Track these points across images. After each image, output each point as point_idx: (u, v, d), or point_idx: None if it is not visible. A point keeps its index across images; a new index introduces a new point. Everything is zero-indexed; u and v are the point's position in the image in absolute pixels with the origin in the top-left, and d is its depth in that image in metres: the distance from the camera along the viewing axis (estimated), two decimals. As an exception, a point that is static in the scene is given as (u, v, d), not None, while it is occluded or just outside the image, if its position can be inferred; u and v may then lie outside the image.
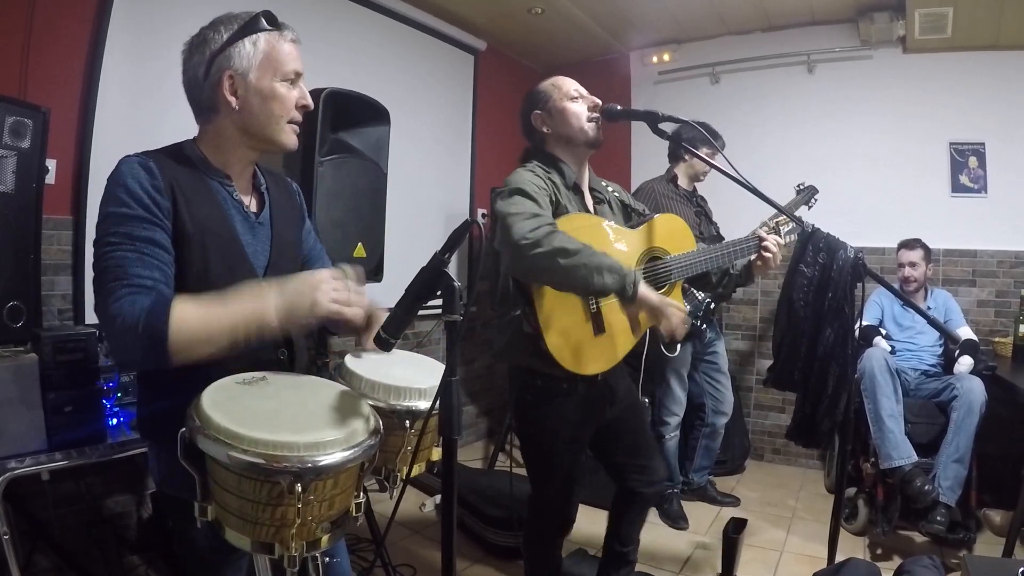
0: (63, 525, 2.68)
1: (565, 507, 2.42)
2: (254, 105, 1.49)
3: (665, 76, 5.52)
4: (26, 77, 2.73)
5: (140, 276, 1.30)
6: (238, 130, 1.53)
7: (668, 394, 3.86)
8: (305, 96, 1.56)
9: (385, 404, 1.44)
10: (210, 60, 1.49)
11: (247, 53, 1.47)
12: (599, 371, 2.20)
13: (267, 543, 1.18)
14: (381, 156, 3.39)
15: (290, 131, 1.55)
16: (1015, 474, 3.17)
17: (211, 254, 1.44)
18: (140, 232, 1.33)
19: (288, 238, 1.68)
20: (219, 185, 1.53)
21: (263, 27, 1.50)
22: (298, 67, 1.54)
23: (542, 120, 2.32)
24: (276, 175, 1.78)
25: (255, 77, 1.48)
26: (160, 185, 1.38)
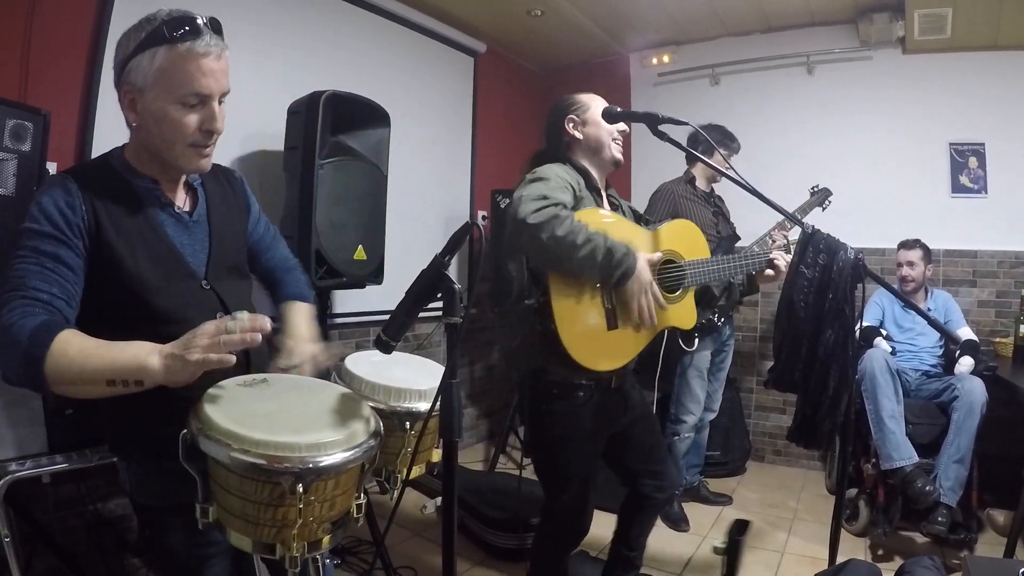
0: (64, 528, 2.69)
1: (580, 517, 2.38)
2: (149, 125, 1.40)
3: (665, 77, 5.52)
4: (27, 80, 2.74)
5: (37, 289, 1.27)
6: (143, 146, 1.46)
7: (688, 392, 3.85)
8: (211, 120, 1.41)
9: (385, 406, 1.45)
10: (118, 69, 1.42)
11: (144, 68, 1.36)
12: (610, 368, 2.19)
13: (269, 544, 1.18)
14: (381, 158, 3.40)
15: (192, 155, 1.44)
16: (1016, 474, 3.16)
17: (142, 261, 1.41)
18: (45, 248, 1.30)
19: (228, 231, 1.63)
20: (145, 190, 1.47)
21: (164, 38, 1.35)
22: (202, 88, 1.37)
23: (576, 126, 2.34)
24: (217, 169, 1.68)
25: (151, 96, 1.37)
26: (75, 203, 1.35)
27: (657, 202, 3.74)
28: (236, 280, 1.63)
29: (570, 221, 1.92)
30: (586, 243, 1.92)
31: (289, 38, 3.67)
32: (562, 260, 1.95)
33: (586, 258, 1.93)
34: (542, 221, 1.89)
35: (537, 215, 1.91)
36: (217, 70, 1.39)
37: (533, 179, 2.08)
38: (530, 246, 1.96)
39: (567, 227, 1.90)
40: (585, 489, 2.32)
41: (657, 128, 2.10)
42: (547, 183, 2.05)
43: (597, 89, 2.45)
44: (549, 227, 1.89)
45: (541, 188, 2.01)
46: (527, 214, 1.91)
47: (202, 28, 1.37)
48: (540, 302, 2.06)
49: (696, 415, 3.89)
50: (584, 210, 2.13)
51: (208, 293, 1.51)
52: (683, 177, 3.93)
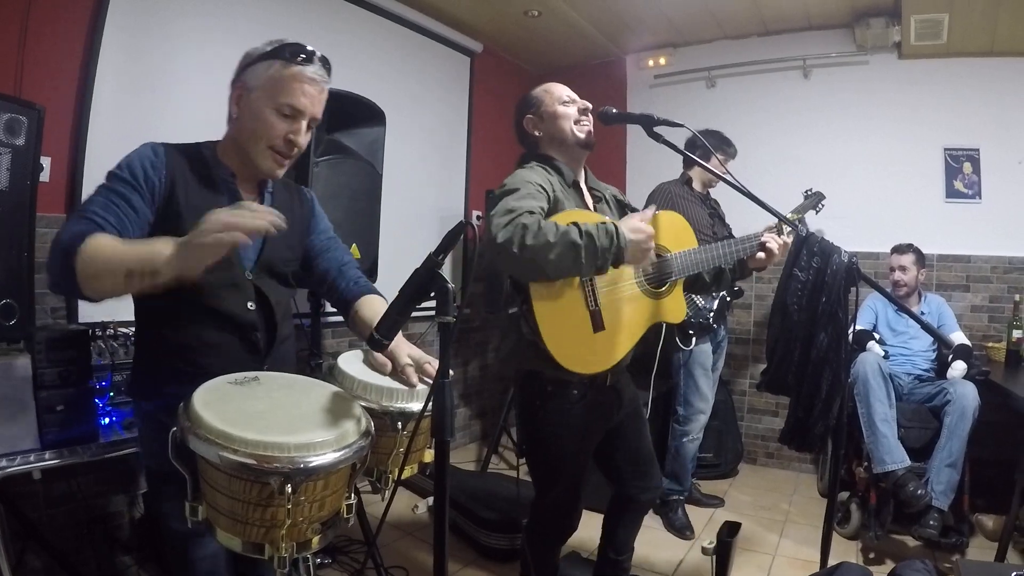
0: (55, 525, 2.67)
1: (569, 514, 2.38)
2: (245, 120, 1.62)
3: (661, 80, 5.52)
4: (21, 74, 2.73)
5: (95, 213, 1.42)
6: (233, 140, 1.66)
7: (695, 391, 3.81)
8: (296, 133, 1.61)
9: (377, 405, 1.44)
10: (239, 70, 1.64)
11: (259, 73, 1.59)
12: (600, 370, 2.17)
13: (257, 543, 1.18)
14: (376, 157, 3.39)
15: (269, 157, 1.63)
16: (1008, 479, 3.17)
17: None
18: (119, 188, 1.48)
19: (282, 241, 1.70)
20: (222, 180, 1.65)
21: (283, 56, 1.58)
22: (297, 103, 1.59)
23: (534, 124, 2.34)
24: (290, 183, 1.90)
25: (255, 96, 1.59)
26: (160, 164, 1.54)
27: (655, 202, 3.69)
28: (279, 284, 1.78)
29: (537, 226, 1.84)
30: (559, 240, 1.84)
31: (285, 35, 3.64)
32: (543, 267, 1.87)
33: (564, 255, 1.85)
34: (510, 236, 1.83)
35: (504, 231, 1.84)
36: (315, 96, 1.63)
37: (501, 193, 2.03)
38: (508, 263, 1.89)
39: (534, 231, 1.83)
40: (576, 486, 2.32)
41: (652, 130, 2.10)
42: (515, 194, 2.00)
43: (594, 90, 2.46)
44: (518, 239, 1.82)
45: (508, 202, 1.95)
46: (496, 234, 1.85)
47: (316, 59, 1.62)
48: (523, 310, 2.04)
49: (706, 414, 3.87)
50: (564, 212, 2.09)
51: (247, 283, 1.66)
52: (680, 179, 3.94)
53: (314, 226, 1.93)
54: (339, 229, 3.11)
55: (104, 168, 1.51)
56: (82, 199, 2.82)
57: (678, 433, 3.84)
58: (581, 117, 2.28)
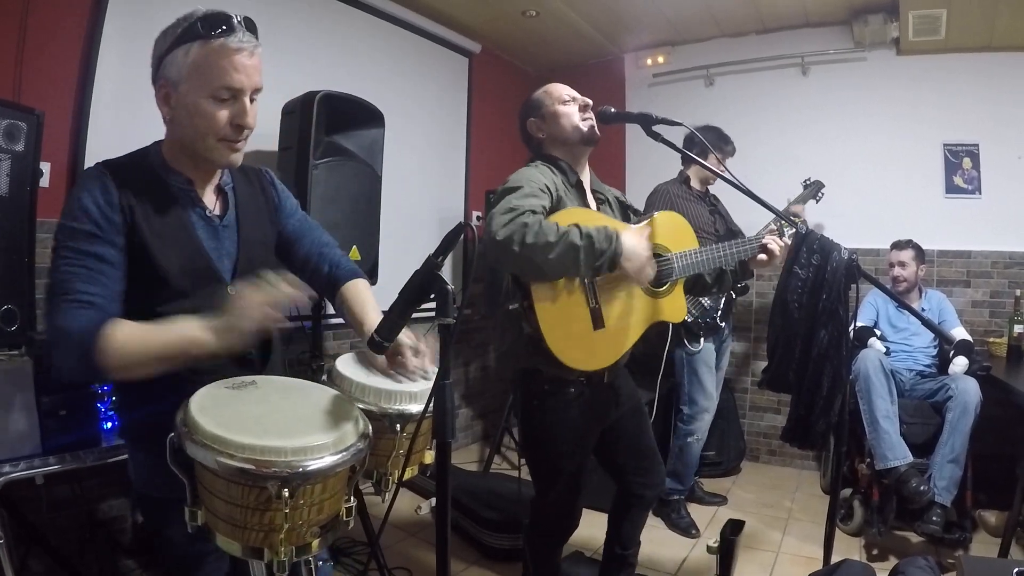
0: (57, 529, 2.67)
1: (569, 512, 2.39)
2: (182, 118, 1.43)
3: (660, 78, 5.52)
4: (20, 80, 2.73)
5: (84, 292, 1.31)
6: (177, 142, 1.50)
7: (700, 391, 3.80)
8: (242, 115, 1.44)
9: (375, 407, 1.44)
10: (155, 65, 1.44)
11: (178, 63, 1.39)
12: (600, 367, 2.18)
13: (256, 548, 1.18)
14: (375, 159, 3.40)
15: (223, 149, 1.47)
16: (1010, 474, 3.17)
17: (172, 262, 1.44)
18: (88, 247, 1.35)
19: (257, 237, 1.65)
20: (180, 190, 1.51)
21: (198, 34, 1.38)
22: (235, 83, 1.41)
23: (537, 126, 2.35)
24: (246, 168, 1.71)
25: (184, 89, 1.40)
26: (114, 200, 1.39)
27: (655, 203, 3.71)
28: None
29: (539, 225, 1.86)
30: (559, 240, 1.85)
31: (283, 38, 3.66)
32: (541, 266, 1.88)
33: (563, 255, 1.86)
34: (510, 233, 1.84)
35: (505, 229, 1.85)
36: (249, 66, 1.43)
37: (504, 190, 2.04)
38: (506, 261, 1.91)
39: (535, 231, 1.84)
40: (576, 483, 2.33)
41: (651, 129, 2.10)
42: (518, 192, 2.00)
43: (592, 90, 2.45)
44: (519, 237, 1.83)
45: (510, 200, 1.96)
46: (497, 231, 1.86)
47: (236, 25, 1.41)
48: (523, 307, 2.04)
49: (711, 412, 3.86)
50: (562, 211, 2.09)
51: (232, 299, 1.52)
52: (678, 178, 3.92)
53: (282, 207, 1.78)
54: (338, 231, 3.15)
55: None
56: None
57: (683, 432, 3.83)
58: (583, 114, 2.29)
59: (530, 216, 1.90)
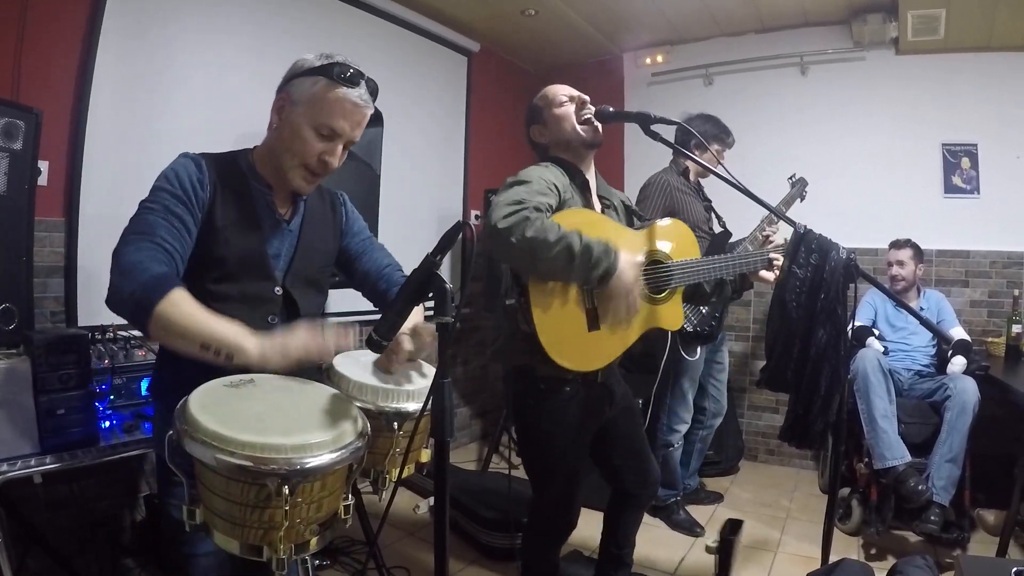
0: (56, 529, 2.67)
1: (567, 512, 2.39)
2: (284, 133, 1.62)
3: (658, 77, 5.52)
4: (19, 78, 2.73)
5: (164, 239, 1.45)
6: (269, 149, 1.68)
7: (682, 402, 3.79)
8: (331, 153, 1.62)
9: (373, 406, 1.44)
10: (286, 78, 1.65)
11: (304, 87, 1.59)
12: (592, 368, 2.18)
13: (255, 546, 1.18)
14: (374, 157, 3.40)
15: (300, 175, 1.64)
16: (1008, 473, 3.17)
17: (232, 248, 1.58)
18: (175, 208, 1.50)
19: (315, 245, 1.80)
20: (258, 192, 1.67)
21: (330, 75, 1.58)
22: (337, 126, 1.60)
23: (540, 133, 2.36)
24: (323, 188, 1.89)
25: (297, 111, 1.59)
26: (204, 178, 1.56)
27: (651, 195, 3.63)
28: (312, 292, 1.81)
29: (541, 222, 1.87)
30: (558, 242, 1.85)
31: (281, 36, 3.66)
32: (535, 262, 1.89)
33: (559, 257, 1.86)
34: (512, 224, 1.85)
35: (507, 219, 1.86)
36: (356, 119, 1.65)
37: (512, 182, 2.05)
38: (502, 250, 1.91)
39: (537, 227, 1.85)
40: (572, 483, 2.33)
41: (650, 128, 2.10)
42: (527, 186, 2.02)
43: (591, 89, 2.45)
44: (519, 229, 1.84)
45: (518, 192, 1.97)
46: (498, 219, 1.87)
47: (362, 82, 1.65)
48: (520, 302, 2.05)
49: (688, 423, 3.85)
50: (566, 211, 2.10)
51: (276, 297, 1.69)
52: (675, 168, 3.81)
53: (348, 228, 1.95)
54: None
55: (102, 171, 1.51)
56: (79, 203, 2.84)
57: (662, 443, 3.80)
58: (581, 111, 2.28)
59: (534, 212, 1.91)
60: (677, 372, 3.75)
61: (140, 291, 1.34)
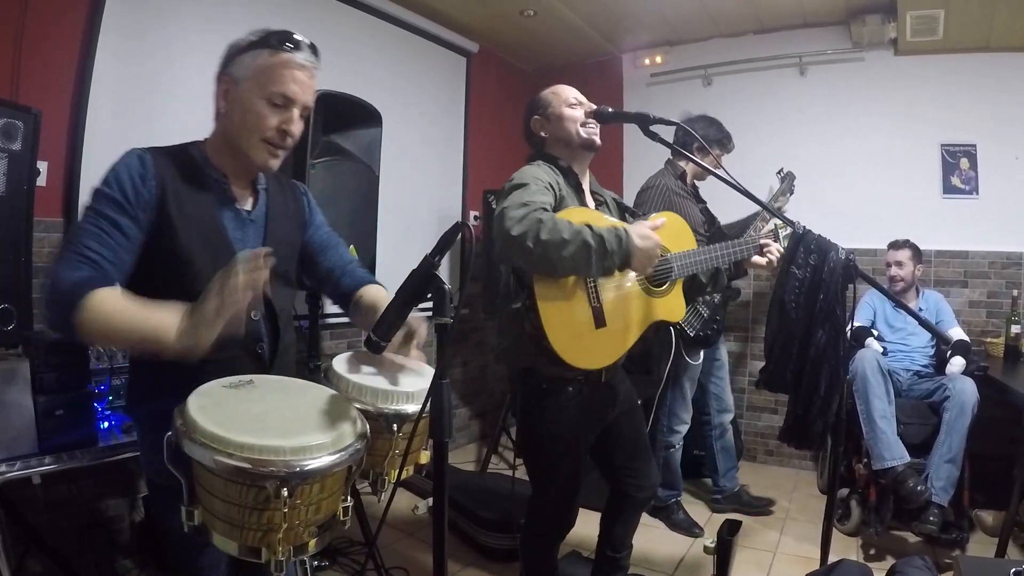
0: (55, 529, 2.67)
1: (566, 510, 2.40)
2: (234, 114, 1.55)
3: (657, 78, 5.53)
4: (17, 79, 2.73)
5: (89, 249, 1.37)
6: (223, 136, 1.60)
7: (682, 403, 3.80)
8: (289, 122, 1.57)
9: (372, 407, 1.44)
10: (223, 63, 1.58)
11: (245, 63, 1.53)
12: (601, 366, 2.19)
13: (254, 548, 1.18)
14: (373, 158, 3.39)
15: (263, 150, 1.56)
16: (1007, 474, 3.17)
17: (195, 244, 1.51)
18: (109, 213, 1.41)
19: (280, 235, 1.71)
20: (214, 182, 1.59)
21: (270, 44, 1.54)
22: (290, 92, 1.54)
23: (540, 124, 2.36)
24: (282, 178, 1.84)
25: (244, 87, 1.53)
26: (148, 175, 1.47)
27: (650, 199, 3.62)
28: (281, 285, 1.71)
29: (552, 222, 1.88)
30: (573, 239, 1.87)
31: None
32: (555, 263, 1.90)
33: (577, 254, 1.87)
34: (526, 229, 1.86)
35: (520, 225, 1.87)
36: (306, 83, 1.59)
37: (512, 187, 2.06)
38: (520, 257, 1.92)
39: (550, 228, 1.86)
40: (573, 482, 2.34)
41: (648, 128, 2.10)
42: (527, 188, 2.03)
43: (590, 89, 2.45)
44: (533, 233, 1.85)
45: (521, 195, 1.99)
46: (511, 227, 1.88)
47: (304, 45, 1.58)
48: (525, 304, 2.05)
49: (688, 423, 3.86)
50: (566, 210, 2.11)
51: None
52: (672, 171, 3.77)
53: (310, 220, 1.88)
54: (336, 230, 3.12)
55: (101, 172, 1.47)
56: (79, 205, 2.84)
57: (663, 444, 3.81)
58: (588, 120, 2.29)
59: (543, 212, 1.92)
60: (678, 374, 3.76)
61: (61, 303, 1.31)
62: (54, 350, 2.24)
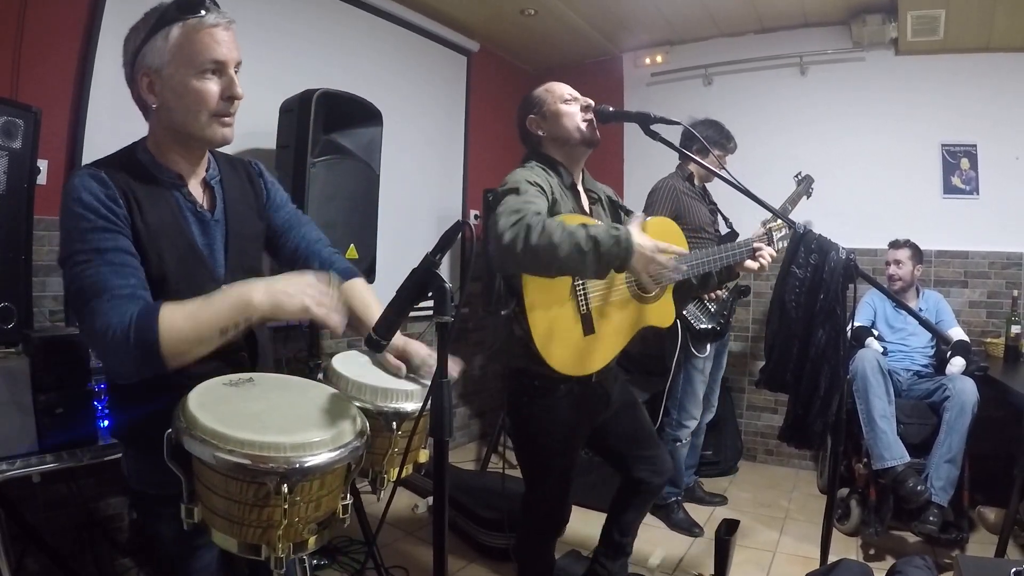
0: (54, 528, 2.67)
1: (559, 508, 2.41)
2: (171, 102, 1.42)
3: (658, 78, 5.53)
4: (18, 77, 2.72)
5: (118, 287, 1.28)
6: (165, 129, 1.47)
7: (691, 398, 3.79)
8: (230, 85, 1.44)
9: (372, 405, 1.44)
10: (131, 60, 1.45)
11: (159, 48, 1.39)
12: (590, 372, 2.19)
13: (254, 544, 1.18)
14: (373, 157, 3.39)
15: (215, 125, 1.45)
16: (1007, 474, 3.17)
17: (167, 259, 1.42)
18: (105, 243, 1.31)
19: (244, 230, 1.64)
20: (170, 186, 1.49)
21: (174, 18, 1.38)
22: (219, 55, 1.41)
23: (536, 124, 2.34)
24: (233, 160, 1.71)
25: (169, 72, 1.40)
26: (114, 194, 1.36)
27: (658, 199, 3.66)
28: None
29: (543, 226, 1.84)
30: (565, 241, 1.83)
31: (281, 36, 3.66)
32: (548, 266, 1.88)
33: (570, 257, 1.84)
34: (515, 236, 1.84)
35: (511, 231, 1.85)
36: (228, 39, 1.43)
37: (505, 192, 2.04)
38: (513, 264, 1.91)
39: (540, 232, 1.83)
40: (565, 479, 2.35)
41: (649, 128, 2.10)
42: (520, 195, 2.01)
43: (590, 89, 2.45)
44: (523, 239, 1.83)
45: (515, 202, 1.96)
46: (503, 233, 1.86)
47: (209, 4, 1.42)
48: (515, 311, 2.06)
49: (697, 419, 3.86)
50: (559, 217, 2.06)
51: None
52: (680, 173, 3.83)
53: (270, 202, 1.76)
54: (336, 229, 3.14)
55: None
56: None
57: (669, 438, 3.82)
58: (584, 114, 2.28)
59: (534, 217, 1.89)
60: (687, 368, 3.77)
61: (135, 348, 1.23)
62: (53, 349, 2.24)
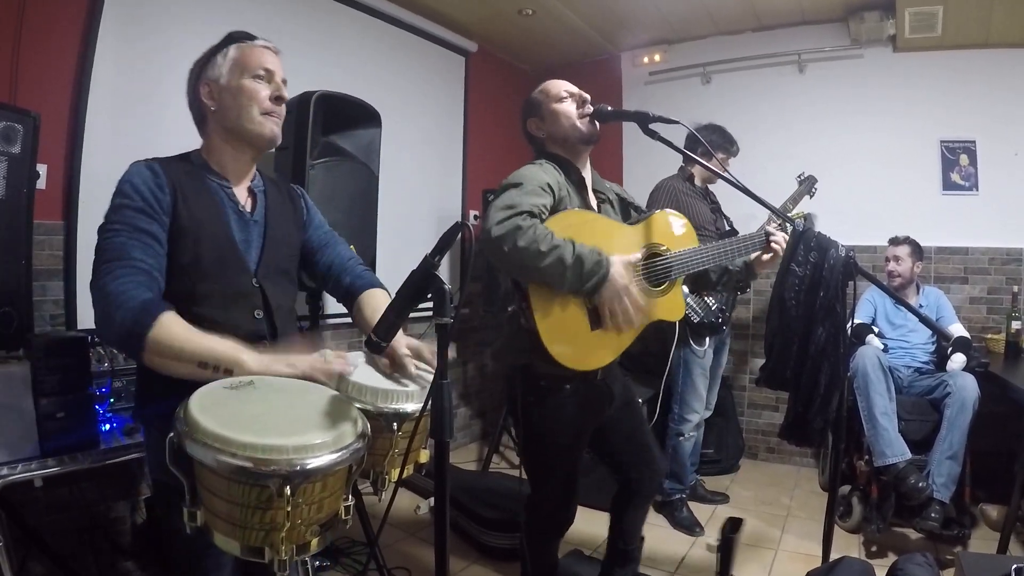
0: (57, 532, 2.67)
1: (564, 507, 2.41)
2: (227, 102, 1.64)
3: (656, 76, 5.53)
4: (16, 82, 2.73)
5: (140, 260, 1.45)
6: (221, 130, 1.68)
7: (692, 392, 3.81)
8: (279, 89, 1.69)
9: (372, 407, 1.44)
10: (193, 79, 1.69)
11: (219, 63, 1.66)
12: (597, 366, 2.19)
13: (257, 547, 1.18)
14: (372, 158, 3.39)
15: (265, 122, 1.67)
16: (1009, 470, 3.17)
17: (204, 246, 1.58)
18: (140, 223, 1.48)
19: (281, 235, 1.78)
20: (217, 186, 1.67)
21: (234, 41, 1.69)
22: (269, 66, 1.68)
23: (537, 126, 2.36)
24: (279, 181, 1.92)
25: (226, 79, 1.65)
26: (163, 182, 1.54)
27: (659, 199, 3.72)
28: (285, 282, 1.80)
29: (533, 231, 1.89)
30: (551, 252, 1.89)
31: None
32: (528, 271, 1.93)
33: (552, 267, 1.90)
34: (504, 233, 1.88)
35: (500, 227, 1.89)
36: (276, 61, 1.72)
37: (506, 186, 2.06)
38: (495, 258, 1.95)
39: (528, 237, 1.87)
40: (570, 479, 2.35)
41: (648, 127, 2.11)
42: (519, 189, 2.02)
43: (589, 88, 2.44)
44: (511, 238, 1.87)
45: (511, 196, 1.99)
46: (492, 226, 1.90)
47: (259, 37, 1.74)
48: (521, 307, 2.06)
49: (700, 414, 3.87)
50: (562, 213, 2.10)
51: (255, 290, 1.68)
52: (681, 175, 3.89)
53: (309, 220, 1.94)
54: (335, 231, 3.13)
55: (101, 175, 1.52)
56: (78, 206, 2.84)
57: (672, 432, 3.84)
58: (581, 108, 2.29)
59: (527, 219, 1.92)
60: (687, 362, 3.77)
61: (129, 321, 1.37)
62: (55, 352, 2.24)
